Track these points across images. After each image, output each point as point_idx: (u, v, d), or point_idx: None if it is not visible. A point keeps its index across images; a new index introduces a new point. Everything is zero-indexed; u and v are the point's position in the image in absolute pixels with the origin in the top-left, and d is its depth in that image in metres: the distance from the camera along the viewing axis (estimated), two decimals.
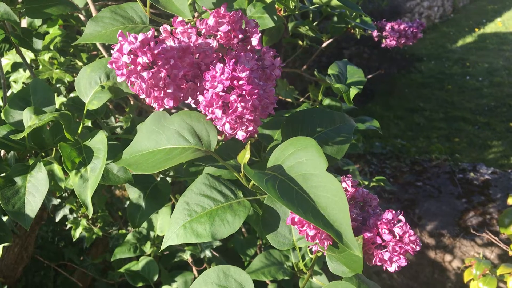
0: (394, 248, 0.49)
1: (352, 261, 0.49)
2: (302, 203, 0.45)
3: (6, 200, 0.68)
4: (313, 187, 0.47)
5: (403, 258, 0.49)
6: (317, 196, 0.46)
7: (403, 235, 0.49)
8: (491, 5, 9.02)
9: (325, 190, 0.46)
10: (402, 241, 0.49)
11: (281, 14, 1.06)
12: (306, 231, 0.49)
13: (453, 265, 2.55)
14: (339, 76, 0.99)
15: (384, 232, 0.50)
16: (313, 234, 0.48)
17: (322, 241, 0.49)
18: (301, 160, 0.48)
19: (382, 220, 0.51)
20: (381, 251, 0.50)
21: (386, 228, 0.50)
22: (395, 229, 0.50)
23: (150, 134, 0.57)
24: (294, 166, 0.49)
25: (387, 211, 0.51)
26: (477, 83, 5.39)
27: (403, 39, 1.34)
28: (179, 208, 0.55)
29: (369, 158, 3.65)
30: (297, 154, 0.49)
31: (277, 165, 0.51)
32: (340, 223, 0.43)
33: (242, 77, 0.48)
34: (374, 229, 0.50)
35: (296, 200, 0.45)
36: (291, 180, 0.48)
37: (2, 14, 0.78)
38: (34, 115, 0.68)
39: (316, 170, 0.47)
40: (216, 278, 0.54)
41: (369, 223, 0.51)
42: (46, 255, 1.93)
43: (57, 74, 1.39)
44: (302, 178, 0.48)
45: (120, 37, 0.50)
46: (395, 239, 0.49)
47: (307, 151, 0.48)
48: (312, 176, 0.47)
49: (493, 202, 2.94)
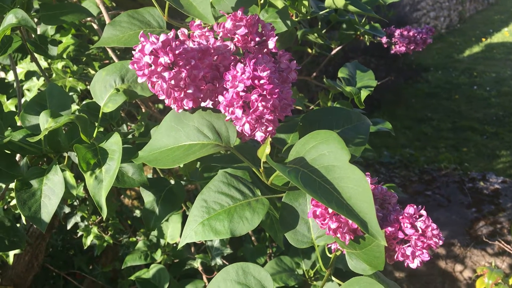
0: (417, 242, 0.49)
1: (373, 257, 0.48)
2: (325, 193, 0.45)
3: (22, 202, 0.68)
4: (336, 178, 0.47)
5: (426, 253, 0.49)
6: (341, 187, 0.46)
7: (426, 229, 0.49)
8: (498, 15, 9.03)
9: (349, 181, 0.46)
10: (424, 235, 0.49)
11: (293, 19, 1.07)
12: (328, 224, 0.49)
13: (464, 275, 2.52)
14: (349, 79, 0.99)
15: (406, 227, 0.49)
16: (335, 227, 0.48)
17: (343, 235, 0.49)
18: (323, 153, 0.48)
19: (404, 214, 0.51)
20: (403, 246, 0.50)
21: (408, 222, 0.50)
22: (417, 223, 0.50)
23: (169, 131, 0.58)
24: (316, 159, 0.49)
25: (408, 206, 0.51)
26: (484, 93, 5.38)
27: (413, 45, 1.34)
28: (197, 206, 0.55)
29: (377, 167, 3.64)
30: (319, 147, 0.49)
31: (298, 158, 0.51)
32: (365, 213, 0.43)
33: (263, 77, 0.49)
34: (395, 224, 0.50)
35: (319, 190, 0.45)
36: (313, 171, 0.48)
37: (20, 20, 0.79)
38: (50, 118, 0.69)
39: (339, 162, 0.47)
40: (235, 275, 0.54)
41: (390, 218, 0.50)
42: (56, 263, 1.93)
43: (70, 83, 1.41)
44: (325, 169, 0.48)
45: (141, 38, 0.50)
46: (418, 233, 0.49)
47: (328, 144, 0.49)
48: (335, 167, 0.47)
49: (504, 212, 2.91)
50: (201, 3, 0.58)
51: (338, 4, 1.08)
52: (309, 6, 1.06)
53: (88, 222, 1.56)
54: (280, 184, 0.60)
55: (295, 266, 1.14)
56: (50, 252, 1.96)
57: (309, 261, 1.15)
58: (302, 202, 0.57)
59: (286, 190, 0.58)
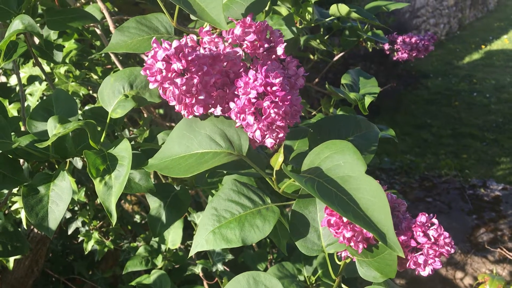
0: (429, 251, 0.49)
1: (385, 265, 0.48)
2: (342, 204, 0.45)
3: (29, 208, 0.68)
4: (353, 189, 0.47)
5: (438, 261, 0.49)
6: (358, 198, 0.46)
7: (438, 237, 0.49)
8: (498, 22, 9.07)
9: (366, 192, 0.46)
10: (437, 243, 0.49)
11: (297, 26, 1.08)
12: (342, 233, 0.49)
13: (464, 282, 2.51)
14: (352, 86, 1.00)
15: (419, 235, 0.49)
16: (350, 235, 0.48)
17: (357, 244, 0.49)
18: (339, 163, 0.48)
19: (416, 223, 0.51)
20: (415, 254, 0.50)
21: (420, 230, 0.50)
22: (430, 232, 0.50)
23: (181, 139, 0.58)
24: (331, 169, 0.49)
25: (420, 214, 0.51)
26: (484, 99, 5.40)
27: (415, 52, 1.35)
28: (207, 214, 0.55)
29: (378, 173, 3.64)
30: (334, 157, 0.49)
31: (313, 167, 0.51)
32: (383, 225, 0.43)
33: (275, 83, 0.49)
34: (408, 232, 0.50)
35: (336, 200, 0.45)
36: (329, 182, 0.48)
37: (26, 26, 0.79)
38: (58, 123, 0.69)
39: (355, 173, 0.47)
40: (246, 284, 0.53)
41: (402, 227, 0.50)
42: (56, 269, 1.92)
43: (72, 87, 1.41)
44: (341, 180, 0.48)
45: (154, 44, 0.51)
46: (430, 241, 0.49)
47: (344, 154, 0.49)
48: (351, 178, 0.47)
49: (504, 219, 2.91)
50: (214, 9, 0.58)
51: (342, 12, 1.08)
52: (313, 13, 1.06)
53: (89, 227, 1.56)
54: (290, 192, 0.60)
55: (297, 273, 1.14)
56: (50, 257, 1.95)
57: (311, 268, 1.14)
58: (312, 210, 0.57)
59: (296, 198, 0.58)
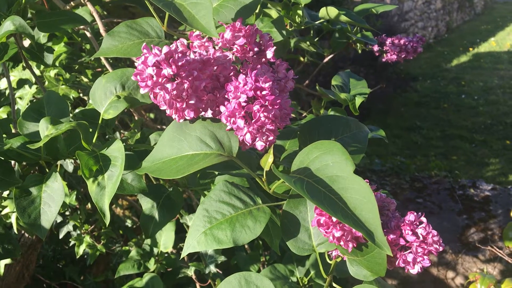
0: (418, 249, 0.50)
1: (375, 264, 0.49)
2: (331, 204, 0.46)
3: (22, 210, 0.68)
4: (341, 188, 0.47)
5: (427, 259, 0.50)
6: (346, 198, 0.47)
7: (427, 235, 0.50)
8: (485, 25, 9.19)
9: (354, 192, 0.46)
10: (425, 241, 0.50)
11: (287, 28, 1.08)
12: (332, 233, 0.49)
13: (456, 282, 2.53)
14: (342, 87, 1.01)
15: (408, 234, 0.50)
16: (339, 235, 0.49)
17: (347, 243, 0.50)
18: (327, 163, 0.49)
19: (405, 221, 0.51)
20: (404, 252, 0.51)
21: (409, 229, 0.50)
22: (418, 230, 0.51)
23: (172, 141, 0.58)
24: (320, 169, 0.50)
25: (409, 213, 0.52)
26: (472, 101, 5.46)
27: (404, 54, 1.36)
28: (199, 215, 0.55)
29: (369, 175, 3.66)
30: (323, 157, 0.50)
31: (302, 167, 0.51)
32: (371, 224, 0.44)
33: (265, 88, 0.50)
34: (397, 231, 0.51)
35: (325, 201, 0.46)
36: (318, 182, 0.48)
37: (17, 27, 0.79)
38: (50, 125, 0.69)
39: (343, 173, 0.48)
40: (238, 284, 0.54)
41: (391, 225, 0.51)
42: (47, 274, 1.90)
43: (62, 90, 1.41)
44: (330, 180, 0.48)
45: (144, 50, 0.51)
46: (419, 240, 0.50)
47: (333, 154, 0.49)
48: (339, 178, 0.48)
49: (494, 218, 2.94)
50: (204, 16, 0.59)
51: (331, 14, 1.09)
52: (303, 16, 1.07)
53: (80, 231, 1.55)
54: (281, 192, 0.61)
55: (289, 274, 1.14)
56: (41, 262, 1.94)
57: (303, 269, 1.15)
58: (302, 210, 0.57)
59: (287, 198, 0.59)
